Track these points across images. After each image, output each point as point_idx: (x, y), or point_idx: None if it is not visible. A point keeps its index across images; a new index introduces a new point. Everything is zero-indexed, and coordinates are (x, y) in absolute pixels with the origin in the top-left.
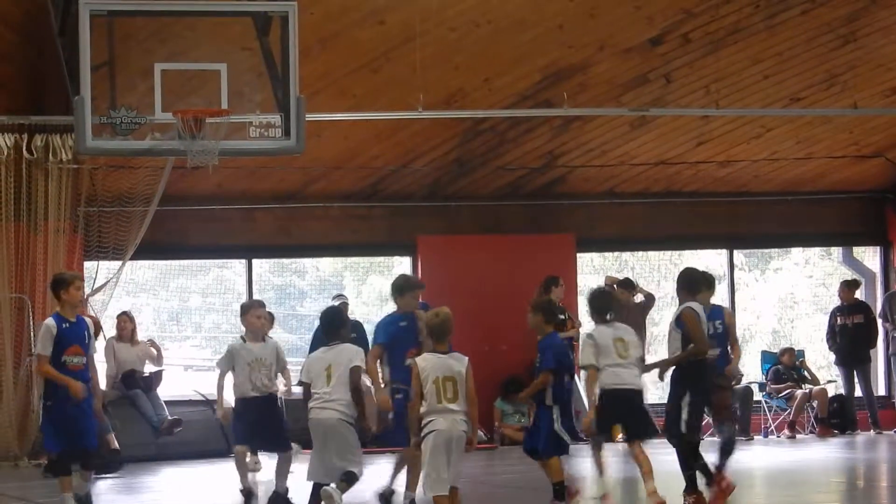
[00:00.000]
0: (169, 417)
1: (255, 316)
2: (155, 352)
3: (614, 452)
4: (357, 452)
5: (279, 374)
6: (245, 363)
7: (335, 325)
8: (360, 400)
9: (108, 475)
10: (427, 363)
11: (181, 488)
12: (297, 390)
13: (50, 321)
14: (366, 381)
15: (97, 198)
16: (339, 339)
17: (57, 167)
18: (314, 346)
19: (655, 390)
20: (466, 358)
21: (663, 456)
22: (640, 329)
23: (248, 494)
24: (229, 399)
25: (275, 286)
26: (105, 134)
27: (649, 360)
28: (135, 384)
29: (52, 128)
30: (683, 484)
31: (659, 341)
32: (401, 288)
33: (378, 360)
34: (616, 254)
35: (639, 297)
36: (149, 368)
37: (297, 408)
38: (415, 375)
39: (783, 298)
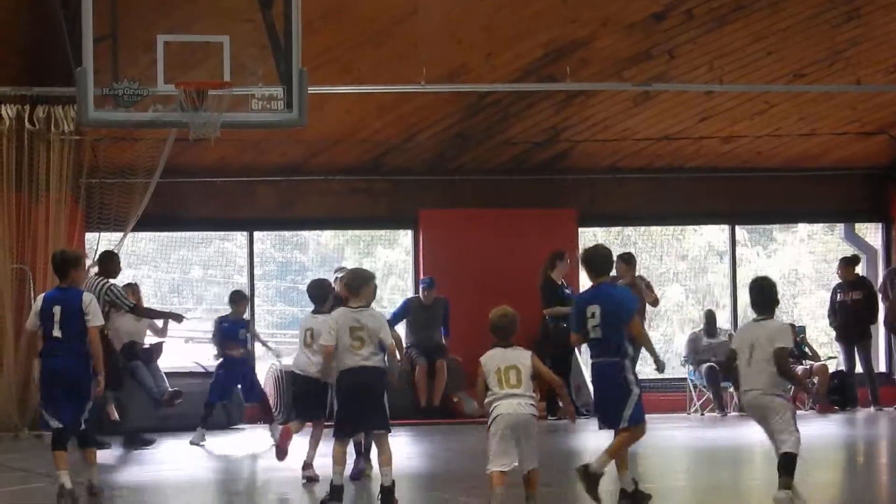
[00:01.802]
0: (169, 389)
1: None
2: (160, 323)
3: None
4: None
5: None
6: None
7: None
8: None
9: (140, 448)
10: (488, 358)
11: (182, 460)
12: None
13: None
14: None
15: (99, 169)
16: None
17: (59, 138)
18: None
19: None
20: (529, 352)
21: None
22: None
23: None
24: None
25: (276, 261)
26: (107, 106)
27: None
28: (135, 356)
29: (55, 99)
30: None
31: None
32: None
33: None
34: (618, 229)
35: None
36: (150, 340)
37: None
38: (480, 374)
39: (785, 275)
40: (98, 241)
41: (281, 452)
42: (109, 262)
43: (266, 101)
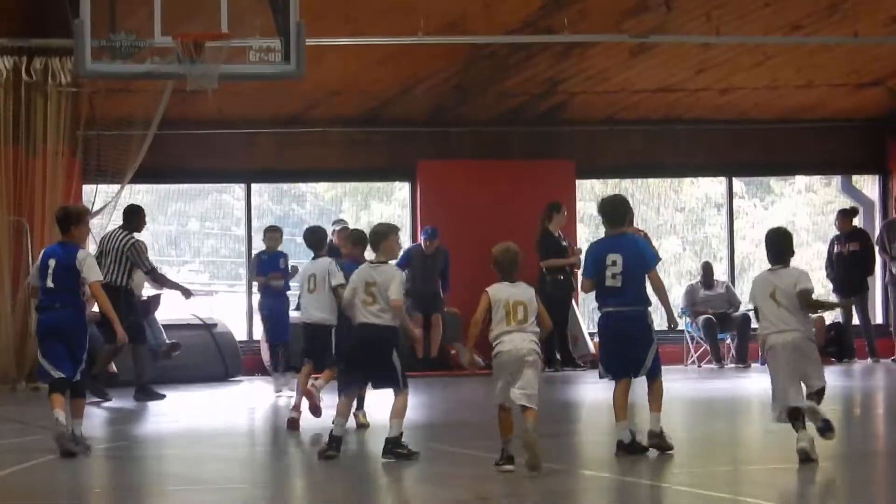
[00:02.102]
0: (168, 341)
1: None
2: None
3: None
4: None
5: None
6: None
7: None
8: None
9: (96, 401)
10: (498, 291)
11: (181, 412)
12: None
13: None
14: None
15: (96, 121)
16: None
17: (56, 90)
18: None
19: None
20: (533, 289)
21: None
22: None
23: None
24: None
25: (274, 213)
26: (104, 57)
27: None
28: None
29: (52, 51)
30: None
31: None
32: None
33: None
34: (616, 181)
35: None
36: (147, 293)
37: None
38: (483, 302)
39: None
40: (95, 194)
41: (316, 409)
42: (136, 217)
43: (264, 53)
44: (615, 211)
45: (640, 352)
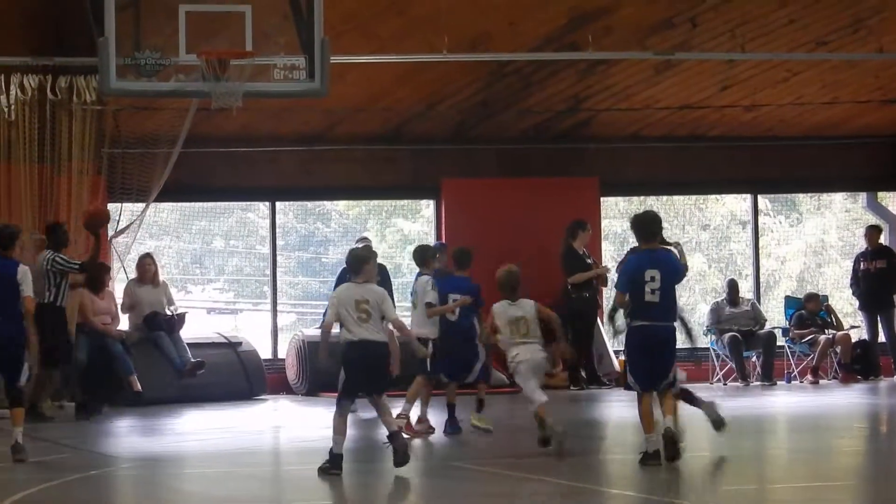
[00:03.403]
0: (192, 360)
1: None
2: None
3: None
4: None
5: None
6: None
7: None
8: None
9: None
10: (500, 309)
11: (204, 430)
12: None
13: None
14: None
15: (121, 139)
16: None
17: (81, 108)
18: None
19: None
20: (532, 301)
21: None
22: None
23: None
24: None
25: (298, 232)
26: (129, 75)
27: None
28: (157, 326)
29: (77, 69)
30: None
31: None
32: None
33: None
34: (640, 198)
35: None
36: (171, 310)
37: None
38: (490, 318)
39: (809, 244)
40: (120, 212)
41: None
42: (54, 235)
43: (288, 71)
44: (648, 227)
45: (667, 366)
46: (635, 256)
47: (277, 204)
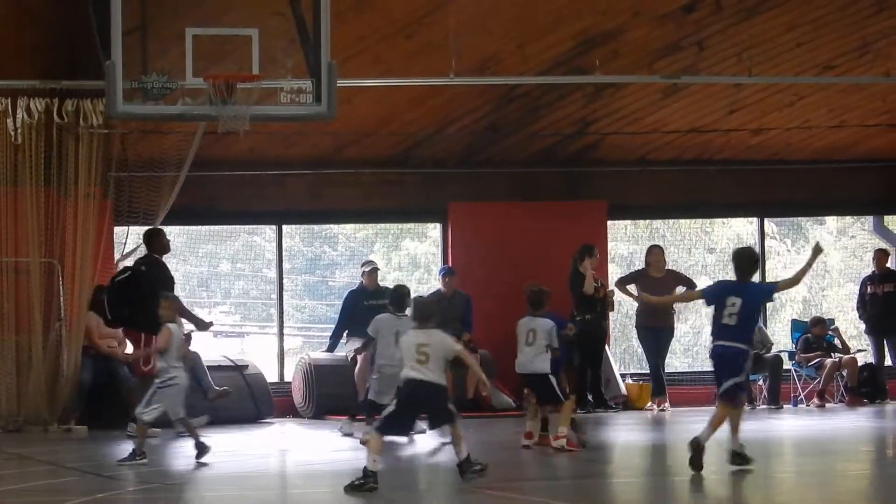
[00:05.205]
0: (216, 388)
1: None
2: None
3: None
4: None
5: None
6: None
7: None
8: None
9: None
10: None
11: (211, 453)
12: None
13: None
14: None
15: (128, 163)
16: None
17: (87, 132)
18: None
19: None
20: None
21: None
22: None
23: None
24: None
25: (305, 255)
26: (136, 99)
27: None
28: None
29: (84, 92)
30: None
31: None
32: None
33: None
34: (647, 221)
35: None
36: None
37: None
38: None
39: (814, 267)
40: (127, 235)
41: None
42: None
43: (295, 94)
44: (745, 264)
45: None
46: (727, 282)
47: (284, 227)
